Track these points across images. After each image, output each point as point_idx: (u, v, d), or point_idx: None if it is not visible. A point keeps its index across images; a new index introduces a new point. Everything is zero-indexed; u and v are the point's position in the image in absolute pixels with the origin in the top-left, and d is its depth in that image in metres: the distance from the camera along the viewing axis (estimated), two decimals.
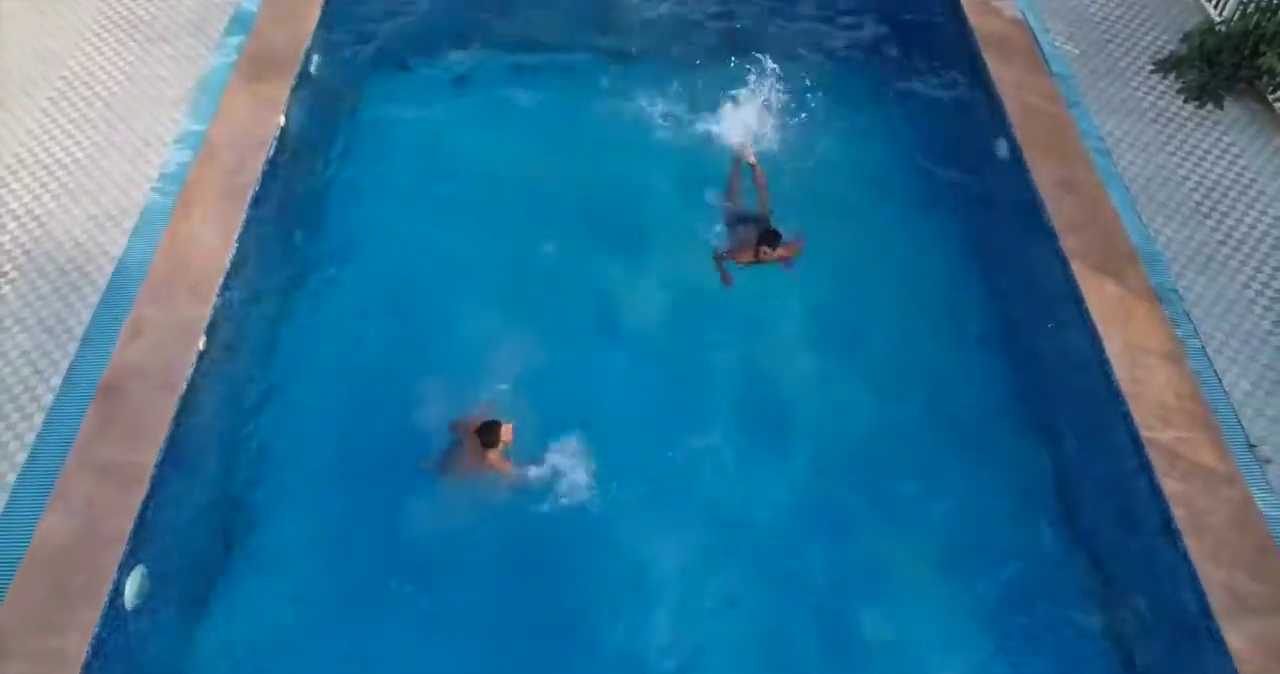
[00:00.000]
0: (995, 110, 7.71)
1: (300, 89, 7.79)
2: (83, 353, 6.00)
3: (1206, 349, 6.22)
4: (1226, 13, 8.13)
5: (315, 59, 8.11)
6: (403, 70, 8.60)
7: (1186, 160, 7.41)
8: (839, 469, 6.17)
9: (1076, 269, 6.57)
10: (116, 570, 5.07)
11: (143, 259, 6.48)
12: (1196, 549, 5.25)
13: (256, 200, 6.93)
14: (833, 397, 6.57)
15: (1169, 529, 5.36)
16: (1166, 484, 5.51)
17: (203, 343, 6.09)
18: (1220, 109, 7.78)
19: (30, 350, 6.03)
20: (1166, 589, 5.31)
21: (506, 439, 5.78)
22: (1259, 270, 6.72)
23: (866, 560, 5.82)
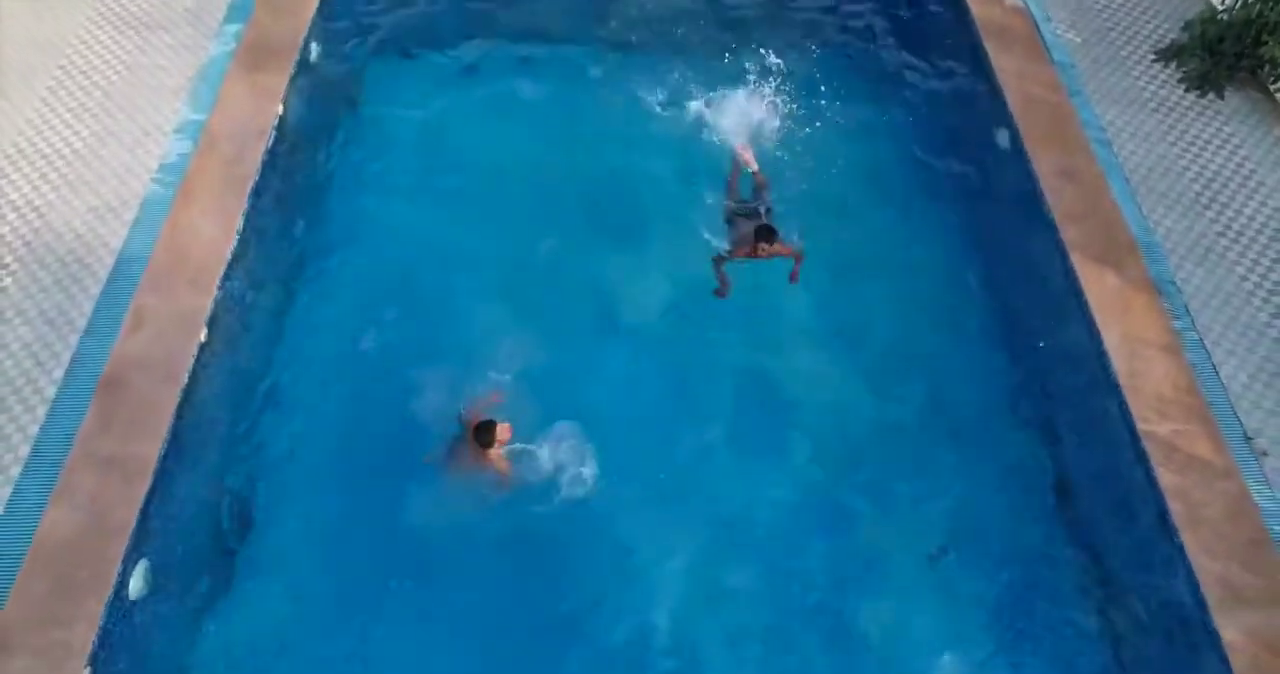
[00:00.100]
0: (996, 100, 7.67)
1: (299, 78, 7.74)
2: (84, 345, 6.01)
3: (1204, 341, 6.23)
4: (1229, 1, 8.09)
5: (314, 48, 8.06)
6: (403, 59, 8.58)
7: (1187, 151, 7.40)
8: (836, 461, 6.22)
9: (1076, 260, 6.57)
10: (121, 563, 5.11)
11: (143, 250, 6.47)
12: (1192, 542, 5.29)
13: (257, 191, 6.91)
14: (831, 388, 6.61)
15: (1165, 522, 5.40)
16: (1163, 476, 5.54)
17: (204, 334, 6.10)
18: (1221, 99, 7.77)
19: (32, 342, 6.04)
20: (1162, 581, 5.35)
21: (503, 438, 5.80)
22: (1257, 262, 6.73)
23: (863, 553, 5.87)
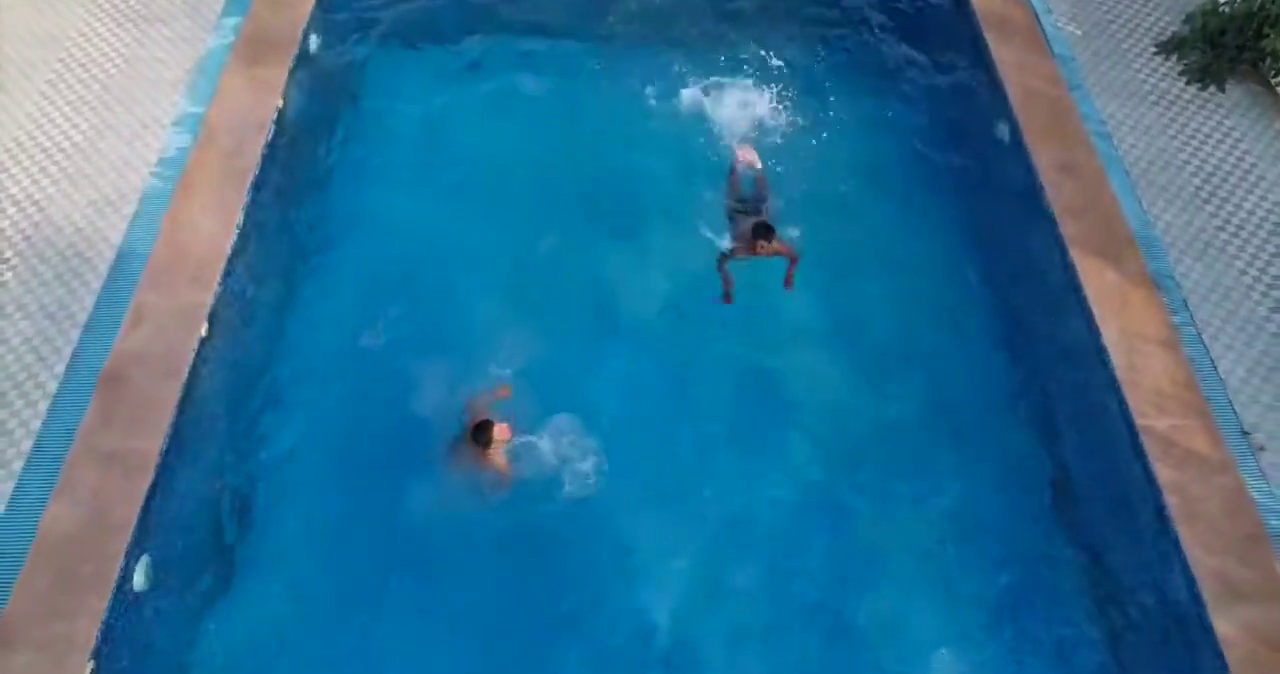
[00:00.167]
0: (996, 93, 7.66)
1: (299, 72, 7.74)
2: (86, 340, 6.02)
3: (1203, 336, 6.24)
4: None
5: (313, 41, 8.05)
6: (403, 52, 8.53)
7: (1188, 144, 7.39)
8: (834, 455, 6.24)
9: (1075, 255, 6.57)
10: (123, 558, 5.14)
11: (143, 245, 6.48)
12: (1189, 536, 5.31)
13: (256, 185, 6.91)
14: (828, 383, 6.62)
15: (1162, 517, 5.42)
16: (1160, 471, 5.56)
17: (204, 329, 6.12)
18: (1222, 92, 7.74)
19: (33, 337, 6.05)
20: (1159, 576, 5.38)
21: (502, 438, 5.80)
22: (1256, 256, 6.73)
23: (859, 547, 5.90)
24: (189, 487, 5.70)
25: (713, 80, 8.05)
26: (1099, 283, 6.41)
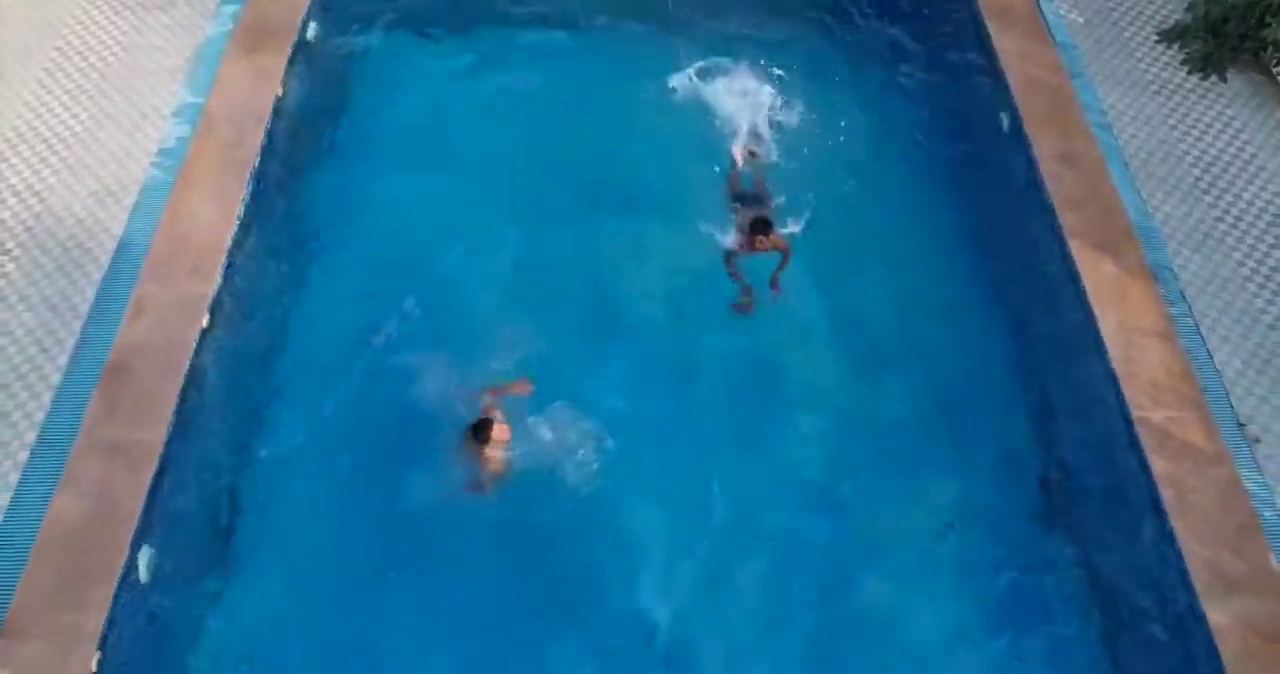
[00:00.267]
0: (997, 82, 7.64)
1: (298, 60, 7.72)
2: (88, 331, 6.04)
3: (1200, 327, 6.26)
4: None
5: (313, 28, 8.02)
6: (403, 39, 8.48)
7: (1188, 135, 7.39)
8: (832, 446, 6.26)
9: (1074, 247, 6.57)
10: (129, 548, 5.19)
11: (144, 236, 6.48)
12: (1182, 528, 5.35)
13: (256, 175, 6.91)
14: (824, 372, 6.62)
15: (1157, 508, 5.46)
16: (1155, 463, 5.59)
17: (206, 320, 6.14)
18: (1224, 81, 7.73)
19: (36, 329, 6.08)
20: (1152, 568, 5.43)
21: (501, 439, 5.81)
22: (1255, 248, 6.75)
23: (856, 535, 5.95)
24: (193, 477, 5.74)
25: (713, 70, 8.01)
26: (1097, 274, 6.42)
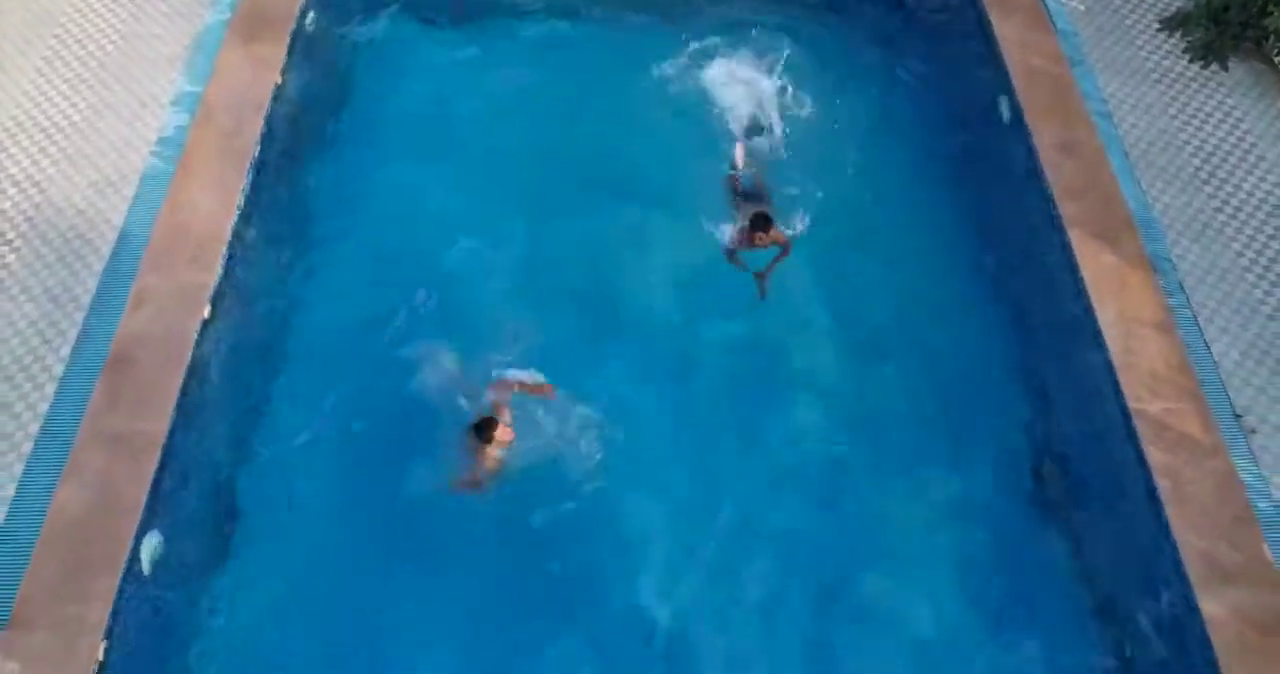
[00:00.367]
0: (998, 70, 7.61)
1: (297, 48, 7.69)
2: (90, 322, 6.06)
3: (1198, 318, 6.28)
4: None
5: (311, 16, 7.99)
6: (401, 27, 8.45)
7: (1189, 124, 7.37)
8: (832, 435, 6.32)
9: (1074, 237, 6.57)
10: (133, 539, 5.23)
11: (144, 227, 6.49)
12: (1178, 519, 5.38)
13: (256, 164, 6.91)
14: (821, 362, 6.66)
15: (1153, 499, 5.49)
16: (1152, 454, 5.62)
17: (207, 311, 6.16)
18: (1225, 70, 7.70)
19: (38, 320, 6.09)
20: (1147, 558, 5.47)
21: (503, 440, 5.83)
22: (1254, 238, 6.75)
23: (855, 525, 6.00)
24: (195, 468, 5.78)
25: (714, 59, 7.99)
26: (1096, 265, 6.43)
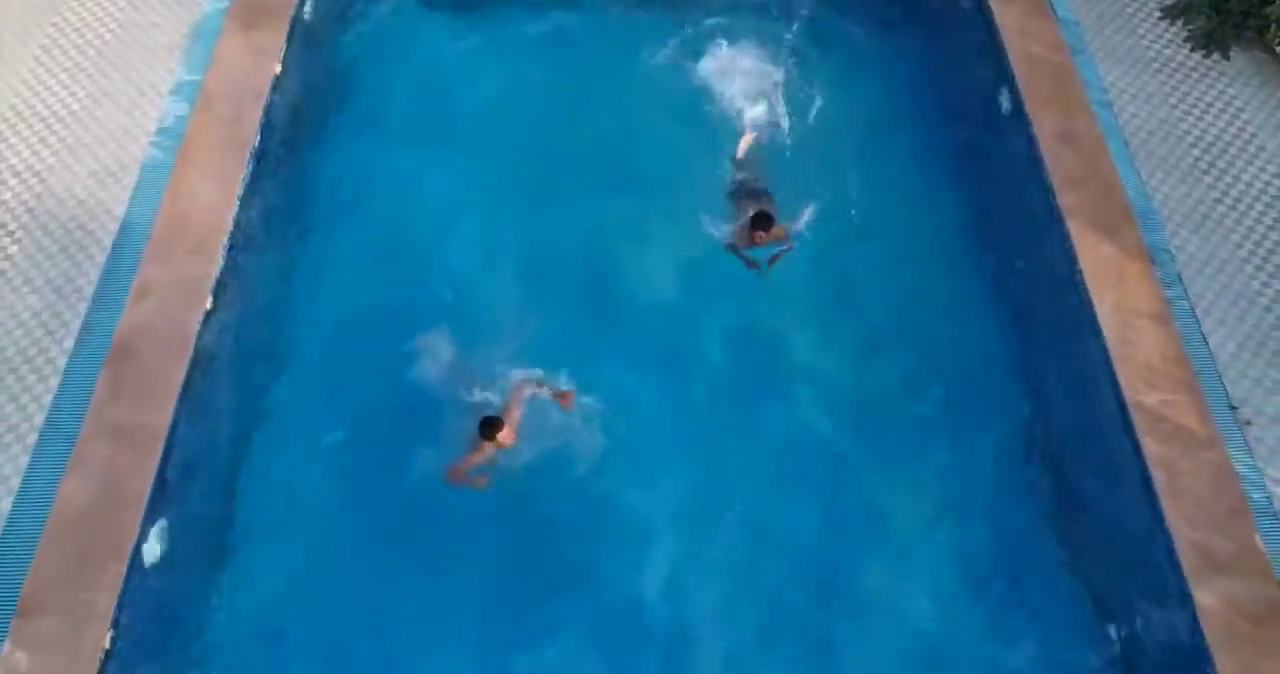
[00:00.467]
0: (999, 59, 7.58)
1: (296, 35, 7.66)
2: (92, 314, 6.09)
3: (1195, 310, 6.30)
4: None
5: (310, 2, 7.95)
6: (401, 13, 8.41)
7: (1189, 114, 7.35)
8: (831, 428, 6.37)
9: (1073, 227, 6.57)
10: (138, 529, 5.29)
11: (145, 217, 6.50)
12: (1173, 510, 5.43)
13: (256, 154, 6.90)
14: (819, 353, 6.70)
15: (1148, 490, 5.54)
16: (1148, 446, 5.65)
17: (209, 302, 6.19)
18: (1226, 59, 7.68)
19: (41, 311, 6.12)
20: (1141, 549, 5.53)
21: (504, 442, 5.86)
22: (1253, 229, 6.76)
23: (853, 516, 6.06)
24: (199, 459, 5.83)
25: (713, 49, 7.98)
26: (1095, 256, 6.44)
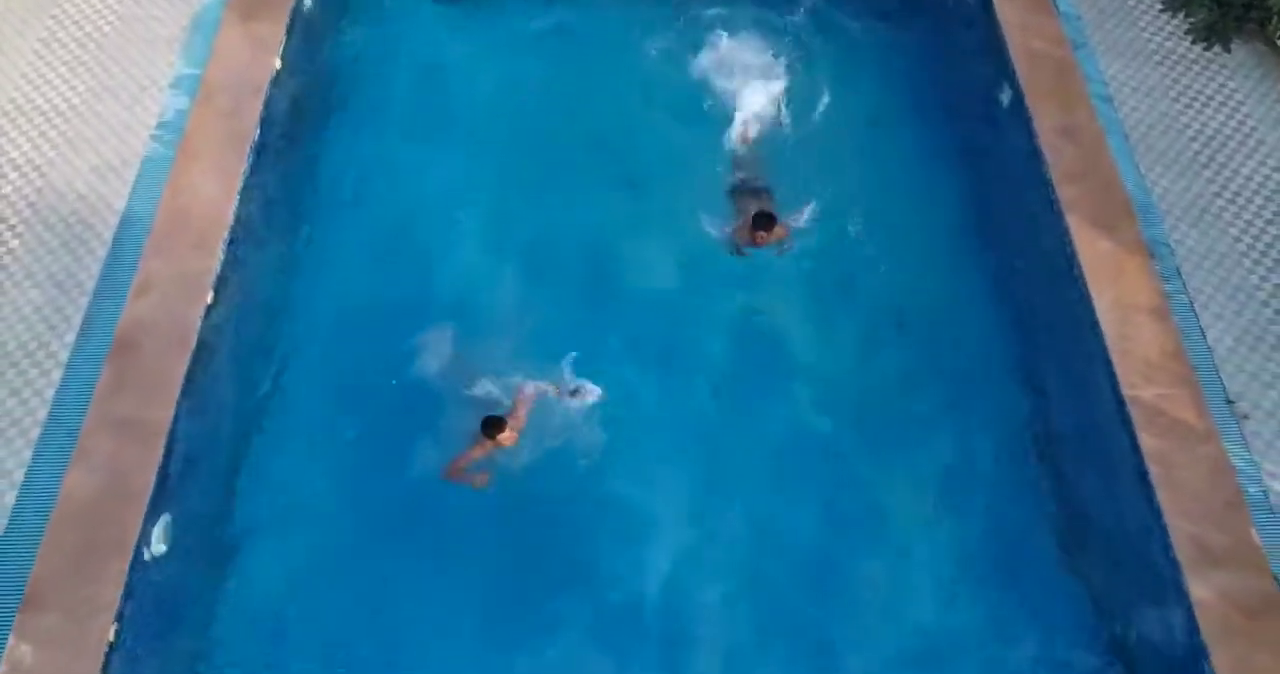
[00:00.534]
0: (999, 53, 7.57)
1: (296, 27, 7.66)
2: (94, 308, 6.11)
3: (1194, 304, 6.31)
4: None
5: None
6: (402, 6, 8.40)
7: (1189, 107, 7.35)
8: (830, 423, 6.39)
9: (1072, 222, 6.59)
10: (141, 523, 5.32)
11: (146, 211, 6.52)
12: (1169, 503, 5.47)
13: (256, 148, 6.92)
14: (817, 346, 6.72)
15: (1145, 484, 5.57)
16: (1145, 440, 5.68)
17: (210, 297, 6.21)
18: (1228, 52, 7.67)
19: (43, 306, 6.14)
20: (1138, 542, 5.57)
21: (504, 443, 5.87)
22: (1251, 223, 6.76)
23: (853, 508, 6.10)
24: (202, 453, 5.86)
25: (713, 44, 7.98)
26: (1094, 251, 6.46)
